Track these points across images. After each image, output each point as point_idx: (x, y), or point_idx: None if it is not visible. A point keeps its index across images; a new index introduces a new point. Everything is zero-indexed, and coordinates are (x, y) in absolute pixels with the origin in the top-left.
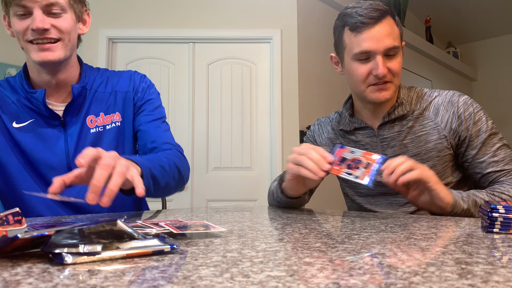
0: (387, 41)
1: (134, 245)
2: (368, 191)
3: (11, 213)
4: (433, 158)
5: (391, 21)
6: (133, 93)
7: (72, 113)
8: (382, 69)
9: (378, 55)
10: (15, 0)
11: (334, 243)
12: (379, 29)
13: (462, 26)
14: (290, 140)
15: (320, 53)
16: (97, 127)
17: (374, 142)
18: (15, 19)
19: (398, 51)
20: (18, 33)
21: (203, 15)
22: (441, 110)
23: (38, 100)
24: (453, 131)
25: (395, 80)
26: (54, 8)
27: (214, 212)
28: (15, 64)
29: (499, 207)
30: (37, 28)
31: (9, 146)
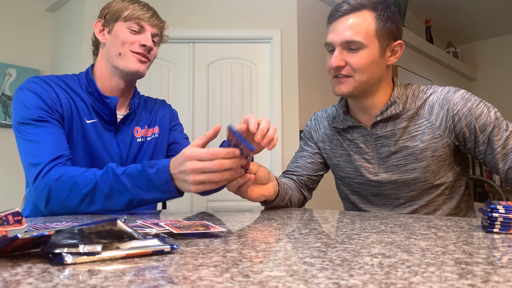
0: (345, 34)
1: (134, 245)
2: (361, 190)
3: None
4: (427, 158)
5: (367, 15)
6: (169, 114)
7: (126, 123)
8: (332, 61)
9: (337, 47)
10: (138, 20)
11: (334, 243)
12: (343, 22)
13: (462, 26)
14: (290, 140)
15: (320, 53)
16: (142, 137)
17: (368, 141)
18: (127, 31)
19: (361, 46)
20: (126, 42)
21: (203, 15)
22: (436, 108)
23: (110, 106)
24: (449, 130)
25: (356, 75)
26: (156, 38)
27: (214, 212)
28: (15, 64)
29: (499, 207)
30: (149, 46)
31: (81, 138)
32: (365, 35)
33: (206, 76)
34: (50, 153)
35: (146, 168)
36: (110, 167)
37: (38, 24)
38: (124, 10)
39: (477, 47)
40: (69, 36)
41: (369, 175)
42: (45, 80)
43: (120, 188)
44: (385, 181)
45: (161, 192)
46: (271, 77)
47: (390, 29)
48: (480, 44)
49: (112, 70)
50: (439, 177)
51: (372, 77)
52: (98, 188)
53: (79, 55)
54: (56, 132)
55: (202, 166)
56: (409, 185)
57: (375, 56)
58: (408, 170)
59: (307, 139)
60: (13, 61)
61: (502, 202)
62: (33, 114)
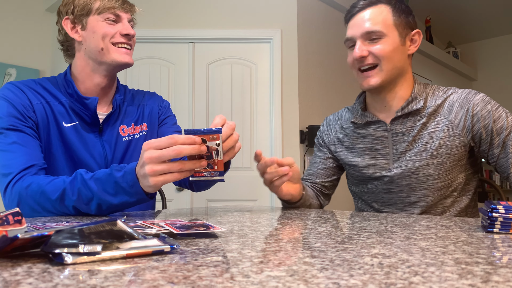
0: (364, 26)
1: (134, 245)
2: (373, 187)
3: (11, 213)
4: (442, 155)
5: (383, 8)
6: (158, 108)
7: (109, 122)
8: (355, 52)
9: (357, 40)
10: (112, 9)
11: (334, 243)
12: (361, 16)
13: (462, 26)
14: (290, 140)
15: (320, 53)
16: (128, 136)
17: (385, 136)
18: (104, 24)
19: (381, 35)
20: (106, 35)
21: (203, 15)
22: (456, 107)
23: (89, 107)
24: (467, 129)
25: (382, 63)
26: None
27: (214, 212)
28: (15, 64)
29: (499, 207)
30: (131, 34)
31: (59, 143)
32: (384, 25)
33: (206, 76)
34: (21, 163)
35: (114, 172)
36: (79, 173)
37: (38, 24)
38: (93, 2)
39: (477, 47)
40: None
41: (382, 171)
42: (19, 86)
43: (88, 193)
44: (398, 176)
45: (129, 195)
46: (271, 77)
47: (407, 19)
48: (480, 44)
49: (95, 67)
50: (451, 176)
51: (396, 65)
52: (66, 194)
53: None
54: (29, 141)
55: (160, 154)
56: (421, 182)
57: (396, 44)
58: (421, 166)
59: (319, 144)
60: (13, 61)
61: (502, 202)
62: (5, 123)
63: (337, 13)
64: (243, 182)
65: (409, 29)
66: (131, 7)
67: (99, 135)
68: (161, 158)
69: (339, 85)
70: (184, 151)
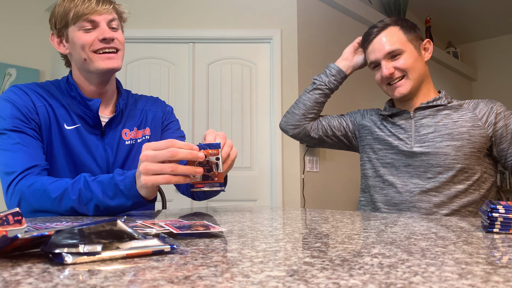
0: (385, 48)
1: (134, 245)
2: (393, 161)
3: (11, 213)
4: (463, 139)
5: (394, 29)
6: (161, 113)
7: (112, 125)
8: (385, 71)
9: (382, 61)
10: (84, 16)
11: (334, 243)
12: (378, 40)
13: (462, 26)
14: (290, 140)
15: (320, 53)
16: (131, 139)
17: (408, 123)
18: (81, 33)
19: (401, 51)
20: (85, 45)
21: (203, 15)
22: (481, 105)
23: (92, 109)
24: (490, 124)
25: (409, 74)
26: (114, 23)
27: (214, 212)
28: (15, 64)
29: (499, 207)
30: (108, 37)
31: (61, 145)
32: (400, 43)
33: (206, 76)
34: (24, 163)
35: (116, 175)
36: (83, 176)
37: (38, 24)
38: (68, 12)
39: (477, 47)
40: None
41: (403, 147)
42: (23, 88)
43: (88, 194)
44: (418, 152)
45: (126, 198)
46: (271, 77)
47: (415, 33)
48: (480, 44)
49: (87, 76)
50: (468, 162)
51: (420, 72)
52: (67, 194)
53: None
54: (31, 142)
55: (155, 154)
56: (439, 159)
57: (415, 55)
58: (441, 146)
59: (351, 114)
60: (13, 61)
61: (502, 202)
62: (8, 124)
63: (337, 13)
64: (243, 182)
65: (420, 40)
66: (107, 5)
67: (101, 138)
68: (156, 158)
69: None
70: (180, 154)
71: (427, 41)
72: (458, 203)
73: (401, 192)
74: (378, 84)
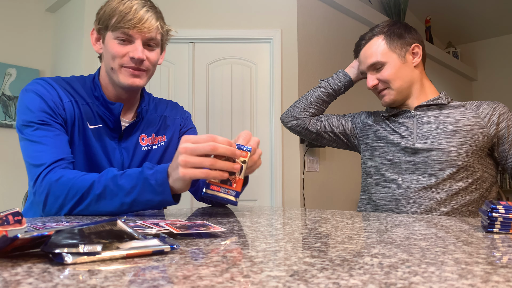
0: (367, 61)
1: (134, 245)
2: (395, 157)
3: (11, 213)
4: (465, 137)
5: (377, 41)
6: (180, 119)
7: (131, 130)
8: (368, 83)
9: (367, 72)
10: (123, 28)
11: (334, 243)
12: (363, 52)
13: (462, 26)
14: (290, 140)
15: (320, 53)
16: (148, 145)
17: (411, 121)
18: (114, 42)
19: (382, 63)
20: (115, 56)
21: (203, 15)
22: (483, 105)
23: (114, 113)
24: (492, 123)
25: (391, 84)
26: (151, 42)
27: (214, 212)
28: (15, 64)
29: (499, 207)
30: (138, 58)
31: (81, 143)
32: (382, 55)
33: (206, 76)
34: (52, 156)
35: (145, 169)
36: (110, 170)
37: (38, 24)
38: (112, 16)
39: (477, 47)
40: (69, 36)
41: (405, 144)
42: (50, 82)
43: (114, 189)
44: (420, 148)
45: (155, 193)
46: (271, 77)
47: (401, 40)
48: (480, 44)
49: (112, 81)
50: (469, 160)
51: (404, 80)
52: (93, 188)
53: (79, 55)
54: (59, 135)
55: (195, 147)
56: (440, 156)
57: (397, 65)
58: (443, 144)
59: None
60: (13, 61)
61: (502, 202)
62: (36, 117)
63: (337, 13)
64: None
65: (407, 46)
66: (149, 26)
67: (118, 142)
68: (196, 151)
69: None
70: (220, 149)
71: (415, 45)
72: (459, 201)
73: (402, 188)
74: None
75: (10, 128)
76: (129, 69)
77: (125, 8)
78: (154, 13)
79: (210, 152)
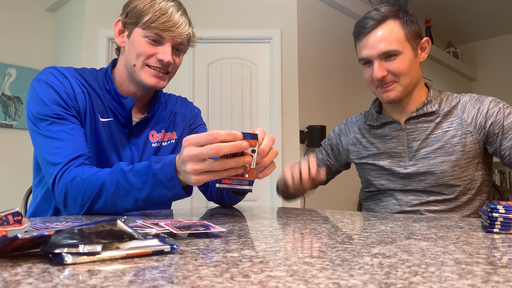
0: (380, 47)
1: (134, 245)
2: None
3: (11, 213)
4: (457, 152)
5: (393, 24)
6: (190, 116)
7: (142, 126)
8: (376, 73)
9: (375, 60)
10: (156, 29)
11: (334, 243)
12: (373, 36)
13: (462, 26)
14: (290, 140)
15: (320, 53)
16: (157, 142)
17: (400, 135)
18: (143, 41)
19: (398, 52)
20: (141, 54)
21: (203, 15)
22: (468, 107)
23: (126, 107)
24: (480, 126)
25: (401, 79)
26: (180, 46)
27: (214, 212)
28: (15, 64)
29: (499, 207)
30: (168, 61)
31: (92, 136)
32: (398, 43)
33: (206, 76)
34: (69, 153)
35: (152, 163)
36: (120, 166)
37: (38, 24)
38: (146, 13)
39: (477, 47)
40: (69, 36)
41: (398, 168)
42: (63, 72)
43: (126, 186)
44: (414, 173)
45: (167, 188)
46: (271, 77)
47: (415, 30)
48: (480, 44)
49: (130, 77)
50: (466, 173)
51: (413, 77)
52: (105, 187)
53: (79, 55)
54: (75, 129)
55: (199, 152)
56: (437, 178)
57: (412, 58)
58: (436, 163)
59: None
60: (13, 61)
61: (502, 202)
62: (50, 111)
63: (337, 13)
64: None
65: (419, 38)
66: (182, 31)
67: (128, 137)
68: (200, 157)
69: (339, 85)
70: (224, 149)
71: (426, 40)
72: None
73: (401, 205)
74: (367, 82)
75: (10, 128)
76: (154, 70)
77: (160, 8)
78: (187, 19)
79: (215, 156)
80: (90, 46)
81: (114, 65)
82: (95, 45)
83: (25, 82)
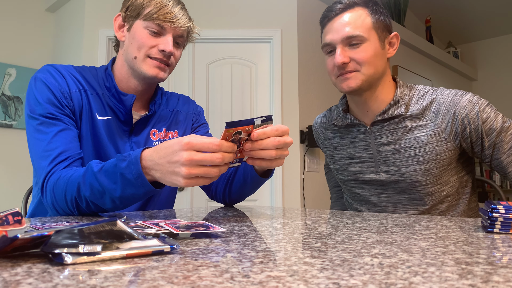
0: (344, 31)
1: (134, 245)
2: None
3: (11, 213)
4: (430, 161)
5: (361, 11)
6: (192, 114)
7: (142, 124)
8: (337, 58)
9: (338, 45)
10: (158, 20)
11: (334, 243)
12: (339, 20)
13: (462, 26)
14: None
15: (320, 53)
16: (159, 140)
17: (368, 139)
18: (144, 32)
19: (363, 39)
20: (143, 46)
21: (203, 15)
22: (442, 110)
23: (125, 104)
24: (455, 133)
25: (363, 69)
26: (180, 40)
27: (214, 212)
28: (15, 64)
29: (499, 207)
30: (169, 51)
31: (90, 135)
32: (364, 29)
33: (206, 76)
34: (55, 154)
35: (119, 162)
36: (90, 166)
37: (38, 24)
38: (146, 6)
39: (477, 47)
40: (69, 36)
41: (370, 175)
42: (60, 70)
43: (99, 187)
44: (386, 180)
45: (135, 187)
46: (271, 77)
47: (384, 22)
48: (480, 44)
49: (130, 71)
50: (441, 181)
51: (377, 70)
52: (81, 190)
53: (79, 55)
54: (65, 130)
55: (202, 157)
56: (410, 187)
57: (377, 49)
58: (408, 172)
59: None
60: (13, 61)
61: (502, 202)
62: (43, 110)
63: None
64: None
65: (387, 32)
66: (184, 22)
67: (129, 135)
68: (202, 163)
69: None
70: (227, 159)
71: (394, 34)
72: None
73: (381, 206)
74: (329, 73)
75: (10, 128)
76: (156, 61)
77: (161, 1)
78: (186, 13)
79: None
80: (90, 46)
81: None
82: (95, 45)
83: (25, 82)
